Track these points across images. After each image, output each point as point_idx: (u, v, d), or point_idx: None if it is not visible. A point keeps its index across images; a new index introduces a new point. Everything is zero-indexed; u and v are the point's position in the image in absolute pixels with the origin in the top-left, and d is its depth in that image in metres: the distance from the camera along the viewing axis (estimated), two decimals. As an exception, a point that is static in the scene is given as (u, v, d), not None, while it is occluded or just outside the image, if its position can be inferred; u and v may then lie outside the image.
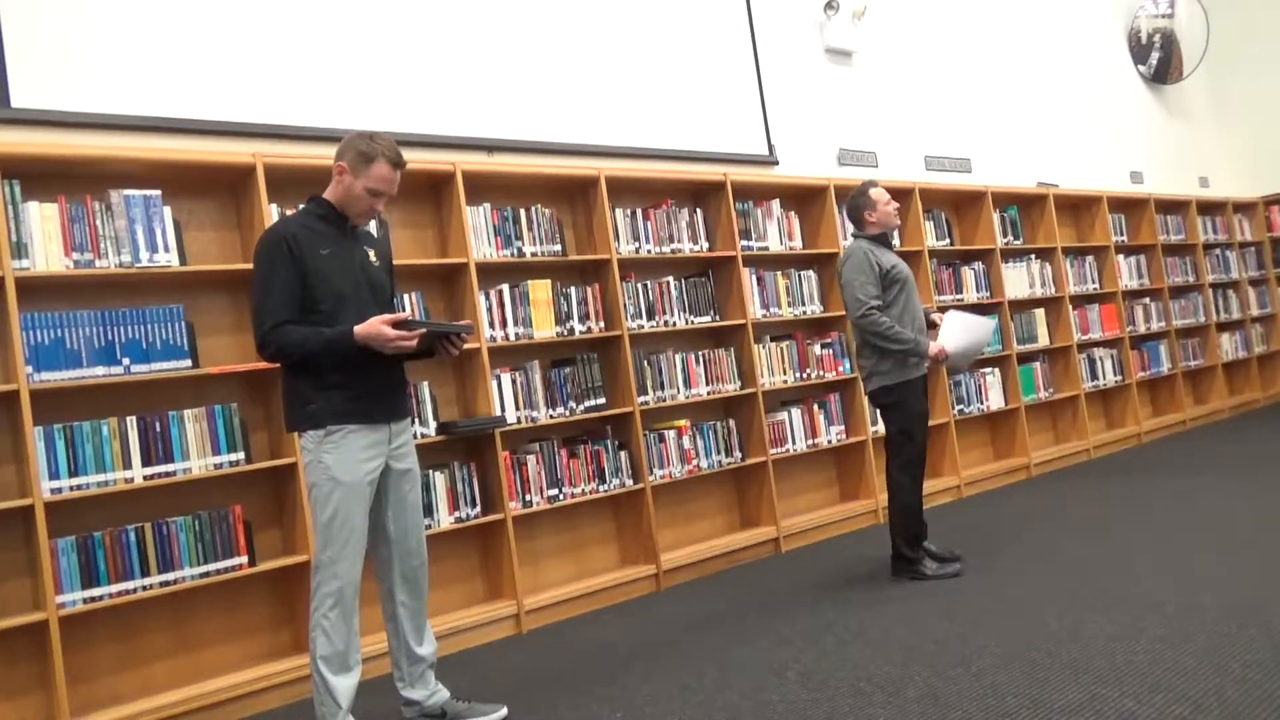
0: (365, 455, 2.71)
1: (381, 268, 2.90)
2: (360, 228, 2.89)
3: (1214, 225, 9.10)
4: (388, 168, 2.75)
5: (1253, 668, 2.52)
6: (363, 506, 2.71)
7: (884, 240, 4.16)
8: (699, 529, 5.00)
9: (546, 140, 4.70)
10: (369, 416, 2.73)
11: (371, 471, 2.73)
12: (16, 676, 3.10)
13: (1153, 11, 9.15)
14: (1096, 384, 7.33)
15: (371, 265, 2.85)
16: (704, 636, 3.58)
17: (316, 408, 2.69)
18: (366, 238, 2.91)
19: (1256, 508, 4.54)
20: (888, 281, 4.03)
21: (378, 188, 2.75)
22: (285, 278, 2.66)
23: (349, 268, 2.76)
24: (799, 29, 6.15)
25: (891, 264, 4.07)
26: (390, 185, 2.77)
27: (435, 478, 3.94)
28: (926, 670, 2.85)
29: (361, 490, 2.70)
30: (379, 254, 2.91)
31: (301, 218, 2.80)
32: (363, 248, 2.85)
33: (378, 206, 2.80)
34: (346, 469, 2.68)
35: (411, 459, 2.88)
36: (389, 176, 2.76)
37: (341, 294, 2.71)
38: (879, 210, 4.13)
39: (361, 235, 2.89)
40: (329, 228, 2.78)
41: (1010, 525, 4.93)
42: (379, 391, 2.77)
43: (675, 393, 4.79)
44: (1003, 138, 7.41)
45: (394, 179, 2.78)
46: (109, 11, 3.53)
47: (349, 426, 2.70)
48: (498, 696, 3.04)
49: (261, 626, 3.63)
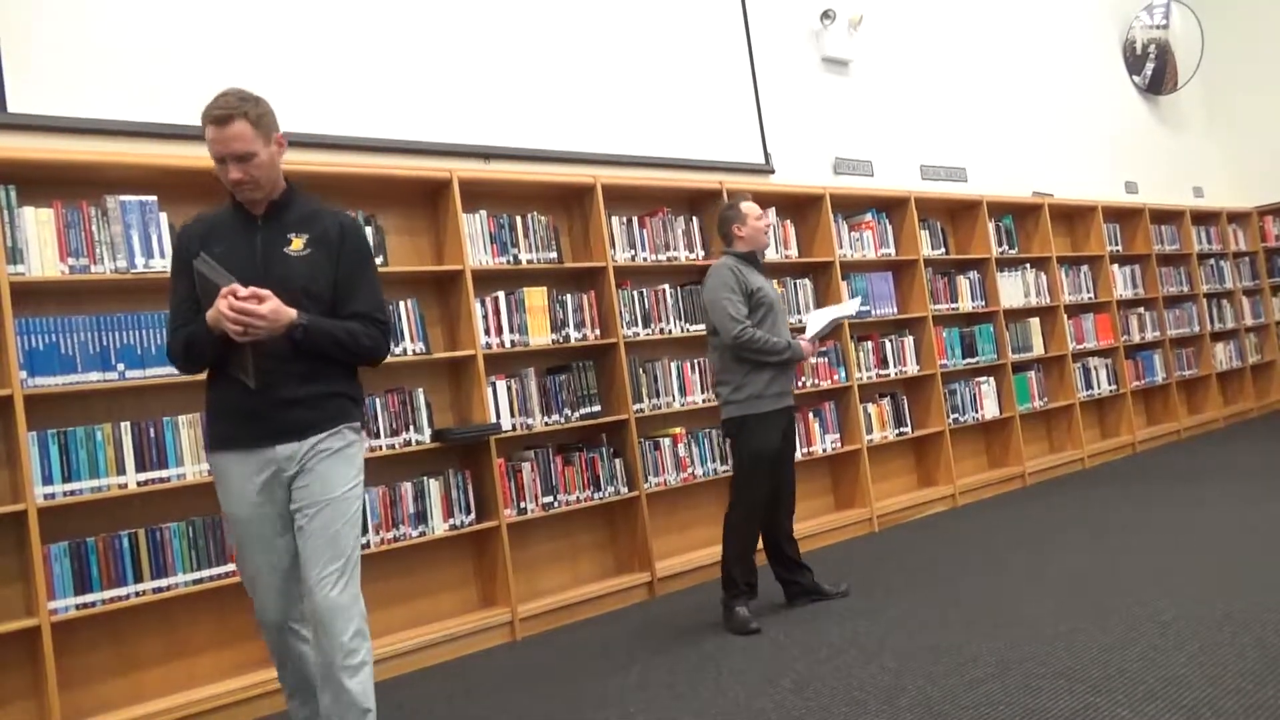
0: (247, 486, 2.36)
1: (315, 258, 2.41)
2: (291, 213, 2.45)
3: (1208, 235, 9.13)
4: (212, 129, 2.32)
5: (1246, 677, 2.53)
6: (260, 545, 2.39)
7: (753, 259, 3.90)
8: (694, 537, 5.00)
9: (543, 148, 4.71)
10: (236, 442, 2.37)
11: (261, 504, 2.37)
12: (8, 683, 3.09)
13: (1148, 22, 9.20)
14: (1091, 393, 7.34)
15: (290, 256, 2.39)
16: (698, 644, 3.57)
17: (208, 431, 2.47)
18: (300, 224, 2.44)
19: (1251, 517, 4.55)
20: (753, 304, 3.75)
21: (216, 154, 2.34)
22: (180, 285, 2.41)
23: (246, 262, 2.35)
24: (795, 38, 6.17)
25: (758, 285, 3.79)
26: (223, 147, 2.31)
27: (430, 484, 3.94)
28: (920, 679, 2.85)
29: (251, 526, 2.38)
30: (320, 244, 2.42)
31: (214, 211, 2.50)
32: (286, 236, 2.41)
33: (235, 175, 2.33)
34: (228, 502, 2.40)
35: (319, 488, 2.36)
36: (214, 137, 2.32)
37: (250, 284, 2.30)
38: (749, 225, 3.88)
39: (292, 222, 2.43)
40: (234, 218, 2.44)
41: (1005, 534, 4.93)
42: (251, 409, 2.35)
43: (670, 400, 4.79)
44: (998, 147, 7.44)
45: (223, 137, 2.31)
46: (105, 17, 3.54)
47: (218, 454, 2.41)
48: (491, 704, 3.04)
49: (254, 634, 3.61)
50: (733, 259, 3.87)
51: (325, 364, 2.41)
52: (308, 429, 2.38)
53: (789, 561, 3.99)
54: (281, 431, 2.36)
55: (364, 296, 2.47)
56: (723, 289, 3.75)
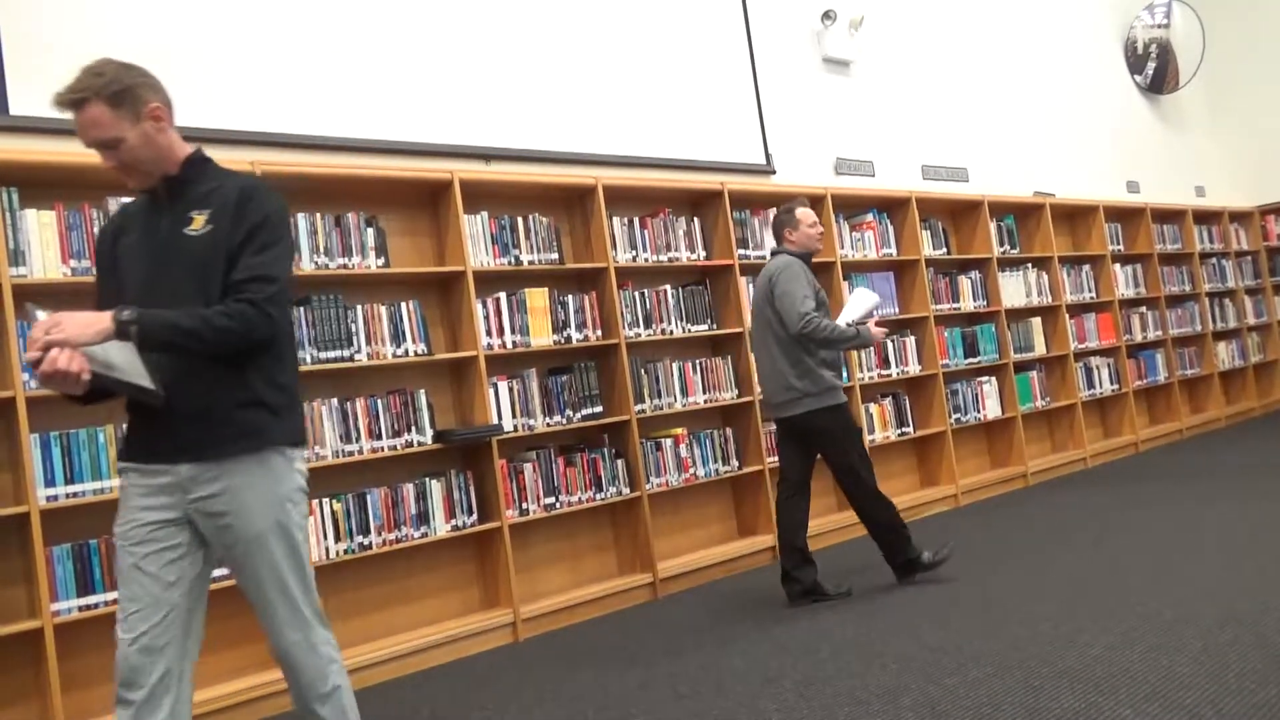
0: (139, 504, 2.02)
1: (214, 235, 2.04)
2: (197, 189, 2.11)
3: (1210, 234, 9.13)
4: (70, 113, 2.04)
5: (1248, 676, 2.52)
6: (133, 574, 1.99)
7: (808, 261, 4.12)
8: (696, 537, 5.00)
9: (544, 149, 4.71)
10: (134, 455, 2.06)
11: (148, 525, 2.00)
12: (11, 684, 3.10)
13: (1149, 22, 9.19)
14: (1093, 393, 7.33)
15: (189, 237, 2.05)
16: (700, 645, 3.57)
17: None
18: (203, 199, 2.09)
19: (1252, 517, 4.54)
20: (817, 302, 3.98)
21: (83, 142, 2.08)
22: (100, 283, 2.19)
23: (150, 249, 2.09)
24: (796, 39, 6.17)
25: (819, 286, 4.06)
26: (82, 135, 2.05)
27: (432, 486, 3.94)
28: (922, 679, 2.85)
29: (126, 549, 2.01)
30: (219, 217, 2.06)
31: (135, 200, 2.23)
32: (188, 215, 2.08)
33: (111, 162, 2.08)
34: (119, 516, 2.05)
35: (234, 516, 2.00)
36: (78, 121, 2.04)
37: (143, 281, 2.06)
38: (800, 230, 4.12)
39: (196, 198, 2.10)
40: (145, 204, 2.17)
41: (1007, 534, 4.93)
42: (149, 420, 2.02)
43: (672, 401, 4.80)
44: (999, 147, 7.43)
45: (80, 125, 2.04)
46: (106, 19, 3.54)
47: (123, 465, 2.08)
48: (493, 705, 3.04)
49: (253, 636, 3.61)
50: (798, 260, 4.05)
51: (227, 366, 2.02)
52: (213, 448, 2.00)
53: (797, 555, 4.01)
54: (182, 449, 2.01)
55: (245, 264, 2.02)
56: (796, 283, 3.94)
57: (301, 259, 3.74)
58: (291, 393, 2.14)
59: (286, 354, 2.14)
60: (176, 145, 2.12)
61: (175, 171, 2.11)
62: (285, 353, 2.14)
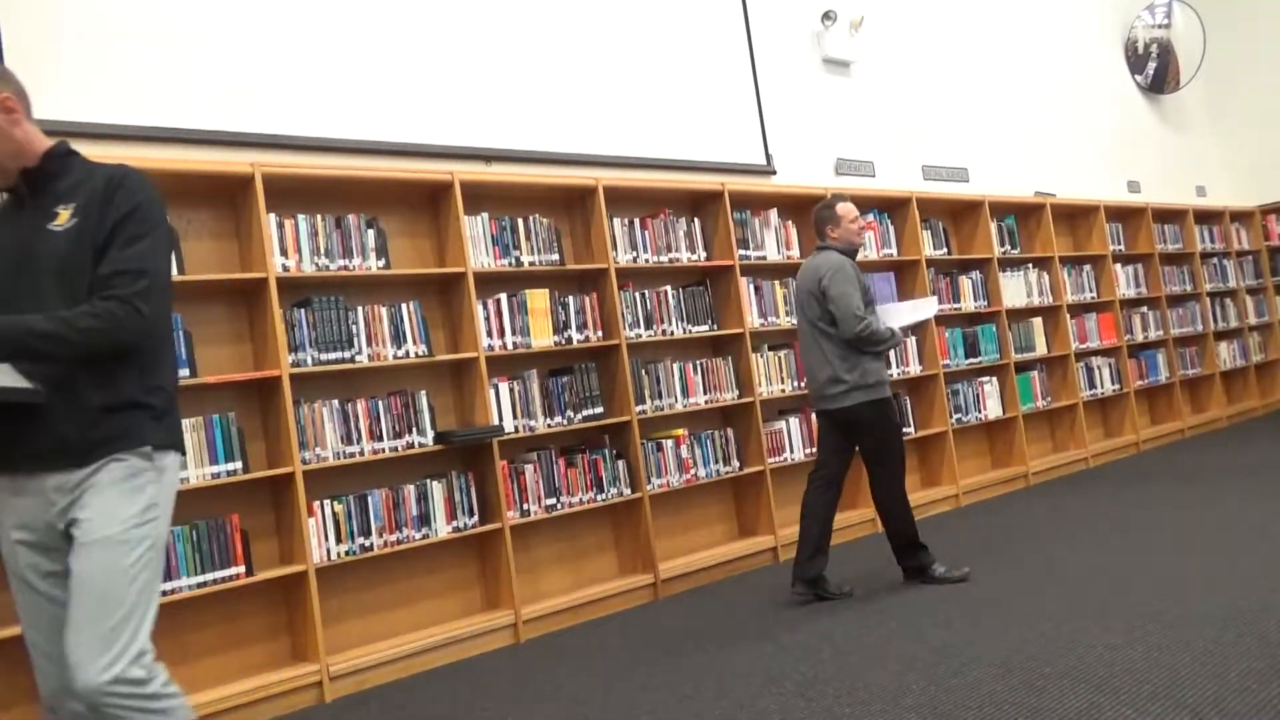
0: (7, 514, 1.92)
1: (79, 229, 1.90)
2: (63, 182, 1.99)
3: (1211, 234, 9.12)
4: None
5: (1250, 675, 2.52)
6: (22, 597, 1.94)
7: (853, 257, 4.13)
8: (697, 538, 5.00)
9: (544, 150, 4.71)
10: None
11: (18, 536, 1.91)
12: (12, 687, 3.09)
13: (1149, 22, 9.19)
14: (1094, 393, 7.33)
15: (52, 232, 1.91)
16: (702, 646, 3.57)
17: None
18: (69, 193, 1.96)
19: (1254, 516, 4.54)
20: (866, 300, 4.02)
21: None
22: None
23: (12, 247, 1.95)
24: (797, 39, 6.17)
25: (867, 284, 4.06)
26: None
27: (433, 487, 3.94)
28: (924, 680, 2.85)
29: (11, 565, 1.93)
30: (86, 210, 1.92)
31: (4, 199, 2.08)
32: (53, 210, 1.94)
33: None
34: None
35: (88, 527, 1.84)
36: None
37: (5, 285, 1.93)
38: (842, 227, 4.11)
39: (61, 192, 1.96)
40: (12, 201, 2.03)
41: (1008, 534, 4.92)
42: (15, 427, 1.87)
43: (673, 402, 4.79)
44: (1000, 147, 7.43)
45: None
46: (107, 21, 3.54)
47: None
48: (495, 706, 3.04)
49: (258, 637, 3.62)
50: (849, 260, 4.04)
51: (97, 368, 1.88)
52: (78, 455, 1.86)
53: (812, 545, 4.03)
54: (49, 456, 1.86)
55: (113, 257, 1.88)
56: (849, 283, 3.94)
57: (302, 260, 3.74)
58: (169, 395, 2.00)
59: (164, 353, 2.00)
60: (35, 138, 2.00)
61: (35, 164, 1.98)
62: (163, 352, 2.00)
